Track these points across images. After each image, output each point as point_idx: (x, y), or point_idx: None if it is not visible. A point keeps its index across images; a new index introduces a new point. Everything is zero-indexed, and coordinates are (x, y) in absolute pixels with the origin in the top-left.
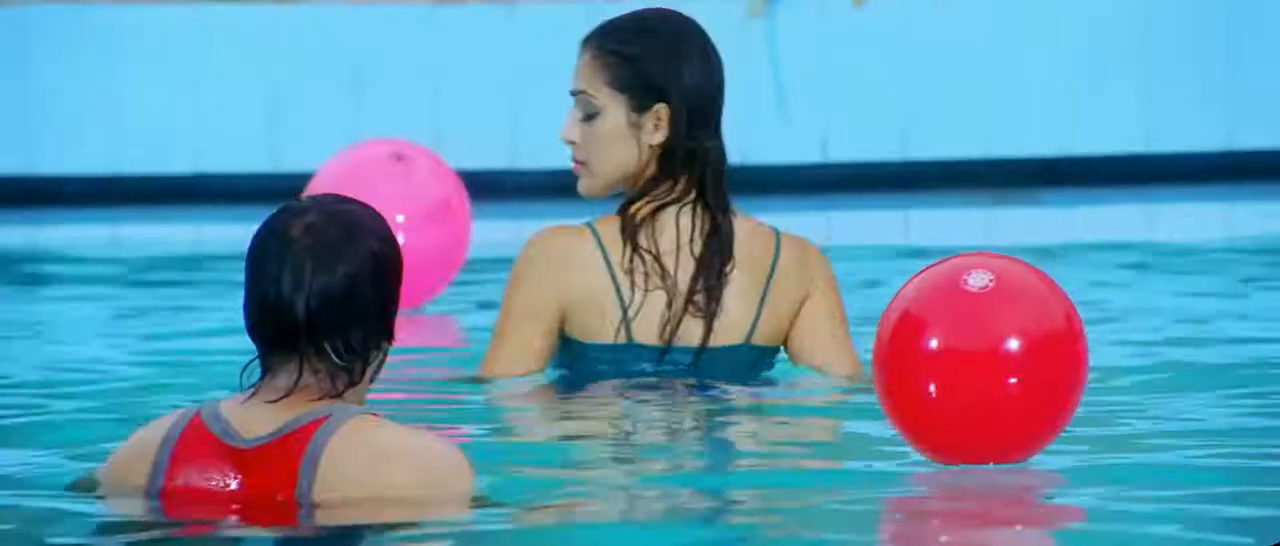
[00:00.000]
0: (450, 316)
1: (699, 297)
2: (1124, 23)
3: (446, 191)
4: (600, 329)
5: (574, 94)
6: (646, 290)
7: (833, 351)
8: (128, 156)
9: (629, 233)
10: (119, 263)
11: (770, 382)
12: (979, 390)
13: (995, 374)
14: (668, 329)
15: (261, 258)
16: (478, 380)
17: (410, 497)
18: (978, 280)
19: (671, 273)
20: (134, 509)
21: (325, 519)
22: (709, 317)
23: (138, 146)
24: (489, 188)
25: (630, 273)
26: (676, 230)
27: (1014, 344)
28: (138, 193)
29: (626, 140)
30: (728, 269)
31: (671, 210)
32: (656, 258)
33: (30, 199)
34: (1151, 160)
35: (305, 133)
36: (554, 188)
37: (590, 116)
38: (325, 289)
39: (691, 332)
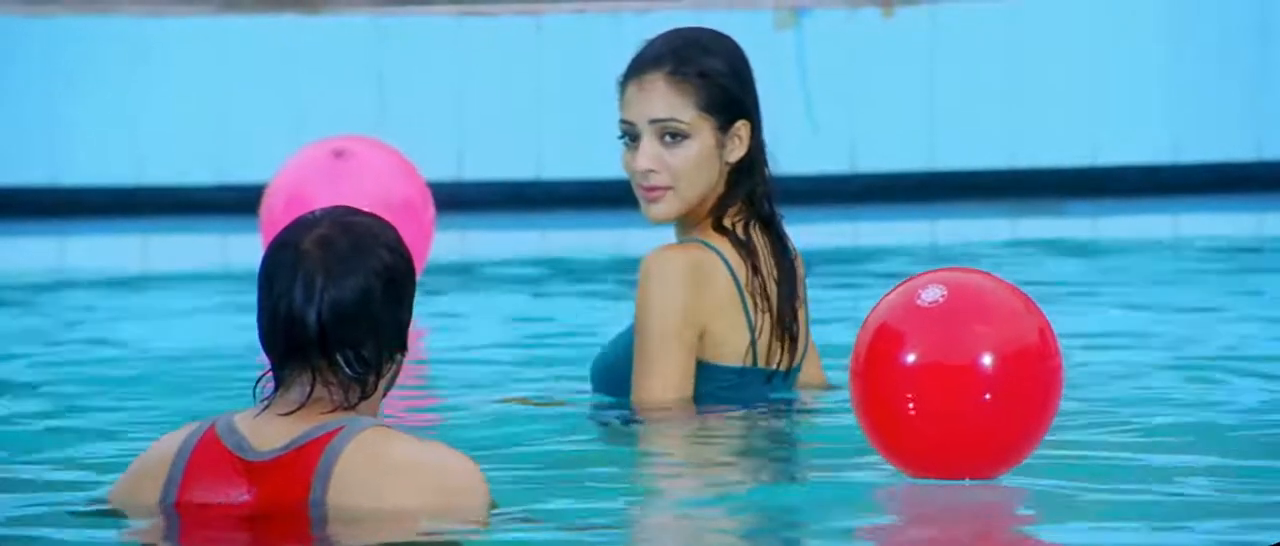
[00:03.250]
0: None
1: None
2: (1152, 32)
3: (409, 192)
4: (729, 351)
5: (653, 122)
6: (762, 311)
7: (817, 361)
8: (153, 168)
9: (749, 252)
10: (144, 274)
11: (824, 396)
12: (938, 405)
13: (943, 388)
14: (776, 350)
15: (273, 270)
16: (640, 408)
17: (422, 509)
18: (930, 295)
19: (772, 293)
20: (148, 521)
21: (337, 530)
22: (794, 336)
23: (163, 158)
24: (513, 198)
25: (752, 293)
26: (762, 248)
27: (961, 356)
28: (163, 204)
29: (713, 161)
30: (801, 284)
31: (753, 228)
32: (764, 279)
33: (56, 210)
34: (1179, 170)
35: None
36: (578, 198)
37: (677, 140)
38: (337, 301)
39: (785, 352)
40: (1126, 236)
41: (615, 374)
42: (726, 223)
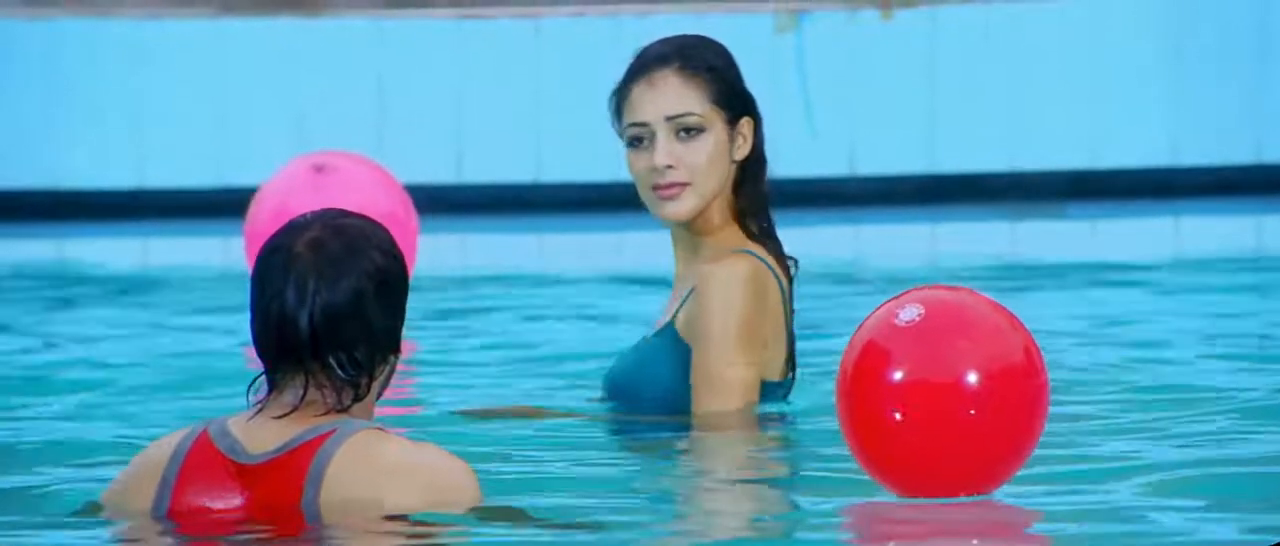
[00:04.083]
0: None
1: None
2: (1152, 35)
3: (392, 204)
4: (774, 366)
5: (669, 118)
6: (790, 323)
7: None
8: (153, 171)
9: (784, 264)
10: (144, 277)
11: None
12: (924, 423)
13: (927, 406)
14: (788, 361)
15: (266, 273)
16: (708, 422)
17: (415, 510)
18: (907, 314)
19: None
20: (142, 525)
21: (330, 533)
22: (794, 344)
23: (163, 160)
24: (513, 201)
25: (789, 306)
26: None
27: (945, 374)
28: (163, 207)
29: (725, 157)
30: None
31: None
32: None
33: (56, 213)
34: (1179, 173)
35: (329, 146)
36: (578, 202)
37: (692, 135)
38: (329, 303)
39: (791, 362)
40: (1126, 239)
41: (637, 384)
42: (752, 228)
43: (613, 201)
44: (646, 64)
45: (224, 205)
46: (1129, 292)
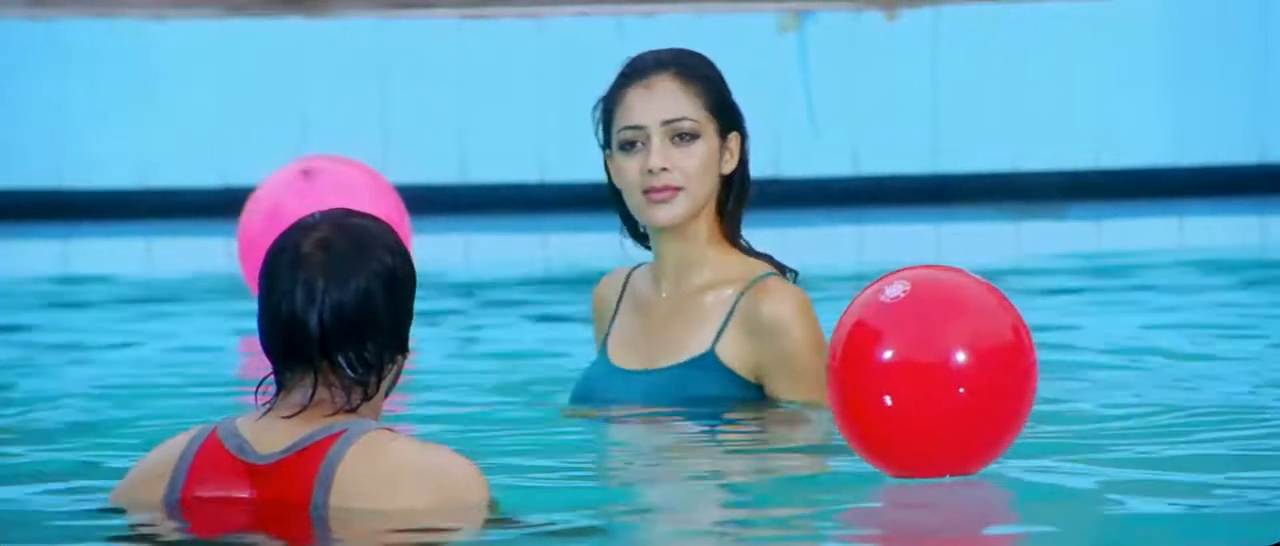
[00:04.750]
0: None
1: None
2: (1155, 35)
3: (386, 210)
4: None
5: (665, 122)
6: None
7: None
8: (156, 171)
9: (785, 276)
10: (148, 277)
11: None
12: (912, 401)
13: (892, 382)
14: None
15: (274, 274)
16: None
17: (424, 511)
18: (893, 291)
19: None
20: (151, 525)
21: (339, 533)
22: None
23: (167, 161)
24: (516, 201)
25: None
26: None
27: (933, 353)
28: (166, 207)
29: (715, 167)
30: None
31: None
32: None
33: (59, 213)
34: (1183, 173)
35: (333, 146)
36: (579, 201)
37: (687, 141)
38: (337, 303)
39: None
40: (1129, 239)
41: (661, 397)
42: (746, 246)
43: None
44: (643, 69)
45: (227, 205)
46: (1132, 293)
